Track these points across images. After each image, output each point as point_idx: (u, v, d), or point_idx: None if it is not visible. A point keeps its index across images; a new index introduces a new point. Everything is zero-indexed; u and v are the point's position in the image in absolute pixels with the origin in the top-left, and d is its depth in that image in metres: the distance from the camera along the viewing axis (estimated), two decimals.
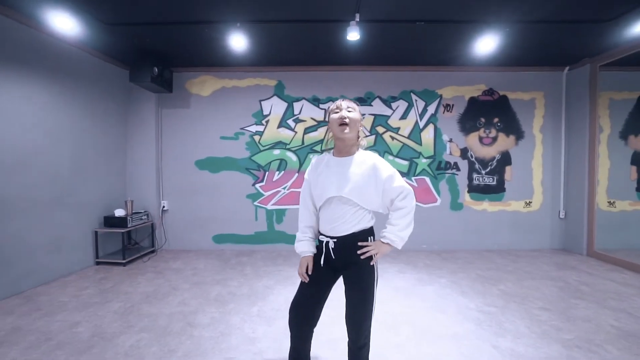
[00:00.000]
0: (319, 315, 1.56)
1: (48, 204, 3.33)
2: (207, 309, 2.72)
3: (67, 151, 3.55)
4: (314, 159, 1.68)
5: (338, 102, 1.53)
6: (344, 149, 1.54)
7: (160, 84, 4.13)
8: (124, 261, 3.87)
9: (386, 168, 1.51)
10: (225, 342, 2.20)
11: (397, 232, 1.51)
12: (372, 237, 1.53)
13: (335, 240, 1.50)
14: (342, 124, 1.46)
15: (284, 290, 3.14)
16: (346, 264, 1.51)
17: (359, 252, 1.48)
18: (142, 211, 4.38)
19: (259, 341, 2.22)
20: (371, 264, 1.49)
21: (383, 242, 1.52)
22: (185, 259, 4.23)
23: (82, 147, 3.75)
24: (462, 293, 3.07)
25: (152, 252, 4.45)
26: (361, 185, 1.47)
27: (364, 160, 1.52)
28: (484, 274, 3.62)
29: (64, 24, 3.00)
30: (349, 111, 1.48)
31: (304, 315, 1.54)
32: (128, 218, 3.99)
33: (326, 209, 1.52)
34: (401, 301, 2.89)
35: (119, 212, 4.06)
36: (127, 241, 4.43)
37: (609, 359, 2.00)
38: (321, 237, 1.56)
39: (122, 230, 3.91)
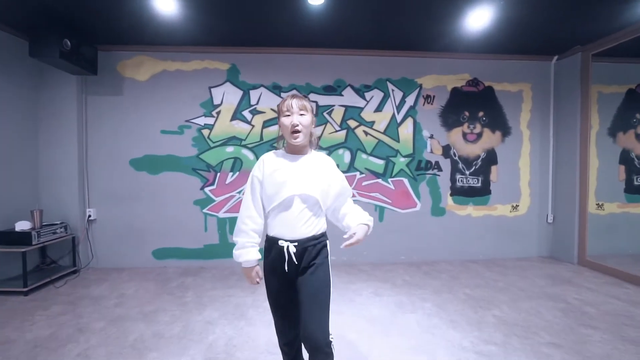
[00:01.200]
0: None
1: None
2: None
3: None
4: (263, 156, 1.51)
5: (288, 103, 1.42)
6: (296, 150, 1.48)
7: (78, 63, 3.27)
8: (25, 289, 2.99)
9: (338, 171, 1.55)
10: None
11: (367, 218, 1.50)
12: (327, 241, 1.51)
13: (295, 244, 1.40)
14: (294, 131, 1.40)
15: (229, 328, 2.43)
16: (306, 266, 1.42)
17: (345, 245, 1.40)
18: (58, 222, 3.50)
19: None
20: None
21: (362, 224, 1.45)
22: (114, 281, 3.41)
23: None
24: (451, 323, 2.49)
25: (74, 272, 3.58)
26: (323, 184, 1.45)
27: (320, 160, 1.51)
28: (472, 293, 3.08)
29: None
30: (301, 114, 1.41)
31: (292, 322, 1.48)
32: (33, 233, 3.11)
33: (283, 210, 1.42)
34: (378, 340, 2.26)
35: (22, 225, 3.17)
36: (39, 260, 3.55)
37: None
38: (280, 242, 1.41)
39: (24, 249, 3.02)
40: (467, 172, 4.13)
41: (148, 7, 2.85)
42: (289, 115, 1.40)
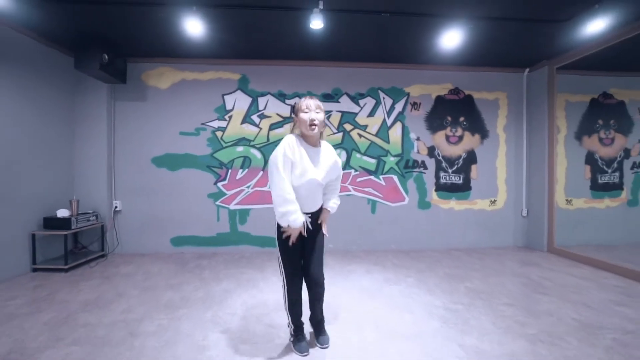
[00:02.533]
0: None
1: None
2: (155, 316, 2.46)
3: None
4: (287, 138, 1.82)
5: (307, 102, 1.82)
6: (311, 140, 1.87)
7: (112, 74, 3.81)
8: (65, 267, 3.48)
9: (339, 160, 2.01)
10: (170, 352, 1.97)
11: (331, 205, 2.03)
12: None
13: (309, 215, 1.92)
14: (312, 124, 1.79)
15: (244, 294, 2.92)
16: (313, 229, 1.95)
17: (324, 230, 2.01)
18: (91, 212, 4.00)
19: (209, 349, 2.00)
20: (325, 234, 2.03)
21: (328, 211, 2.04)
22: (138, 263, 3.90)
23: (17, 139, 3.36)
24: (428, 292, 3.00)
25: (102, 256, 4.07)
26: (331, 173, 1.93)
27: (328, 151, 1.96)
28: (450, 272, 3.58)
29: None
30: (317, 112, 1.81)
31: (300, 275, 1.98)
32: (72, 219, 3.61)
33: (303, 189, 1.83)
34: (367, 302, 2.76)
35: (62, 213, 3.67)
36: (72, 245, 4.03)
37: (570, 350, 1.97)
38: None
39: (65, 233, 3.53)
40: (450, 171, 4.66)
41: (176, 28, 3.39)
42: (307, 112, 1.79)
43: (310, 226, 1.93)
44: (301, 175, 1.80)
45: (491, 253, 4.38)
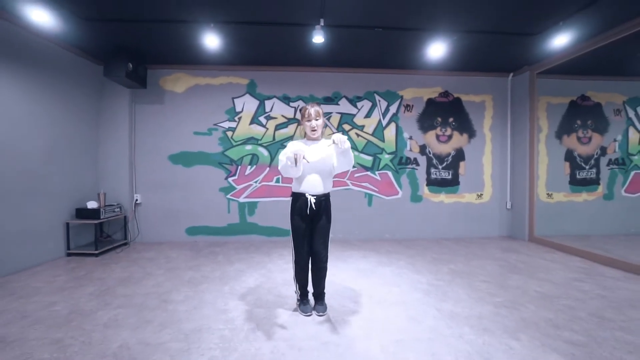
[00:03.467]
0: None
1: (18, 194, 3.38)
2: (181, 289, 2.91)
3: (38, 143, 3.61)
4: (291, 142, 2.43)
5: (308, 111, 2.30)
6: (313, 139, 2.36)
7: (135, 80, 4.24)
8: (96, 252, 3.93)
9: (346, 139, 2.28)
10: (199, 313, 2.41)
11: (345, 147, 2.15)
12: (330, 198, 2.42)
13: (315, 197, 2.28)
14: (313, 130, 2.32)
15: (256, 274, 3.37)
16: (318, 213, 2.32)
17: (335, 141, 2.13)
18: (115, 204, 4.44)
19: (230, 312, 2.45)
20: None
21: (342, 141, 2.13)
22: (158, 249, 4.34)
23: (53, 139, 3.81)
24: (416, 272, 3.43)
25: (125, 244, 4.52)
26: (331, 158, 2.29)
27: (327, 143, 2.30)
28: (438, 257, 4.02)
29: (40, 17, 3.09)
30: (316, 119, 2.31)
31: (307, 248, 2.37)
32: (101, 210, 4.06)
33: (309, 174, 2.27)
34: (362, 280, 3.20)
35: (92, 204, 4.12)
36: (99, 233, 4.48)
37: (526, 313, 2.40)
38: (306, 195, 2.28)
39: (95, 222, 3.98)
40: (440, 167, 5.08)
41: (194, 41, 3.82)
42: (309, 121, 2.29)
43: (314, 206, 2.26)
44: (306, 162, 2.21)
45: (477, 242, 4.81)
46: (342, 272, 3.41)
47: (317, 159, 2.26)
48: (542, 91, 4.84)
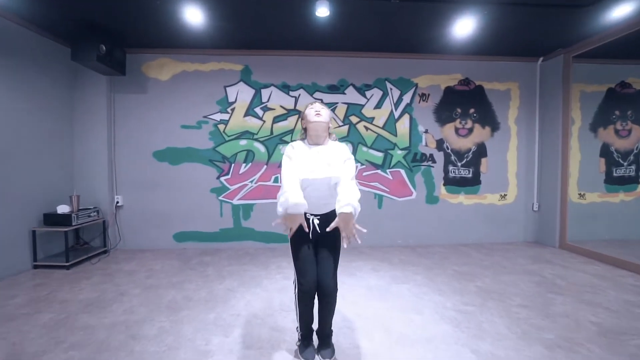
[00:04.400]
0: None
1: None
2: (157, 318, 2.39)
3: None
4: (291, 143, 1.88)
5: (310, 108, 1.88)
6: (318, 140, 1.84)
7: (111, 65, 3.68)
8: (67, 264, 3.42)
9: (348, 152, 1.85)
10: (171, 358, 1.89)
11: (354, 201, 1.62)
12: None
13: (319, 217, 1.83)
14: (317, 114, 1.82)
15: (247, 294, 2.84)
16: (325, 234, 1.79)
17: (344, 239, 1.66)
18: (92, 207, 3.93)
19: (212, 355, 1.93)
20: (347, 241, 1.67)
21: (346, 213, 1.60)
22: (141, 259, 3.83)
23: (15, 134, 3.27)
24: (438, 291, 2.90)
25: (104, 252, 4.01)
26: (337, 167, 1.76)
27: (336, 148, 1.85)
28: (460, 269, 3.48)
29: None
30: (321, 107, 1.87)
31: (314, 276, 1.80)
32: (73, 215, 3.54)
33: (310, 189, 1.76)
34: (375, 302, 2.67)
35: (62, 209, 3.60)
36: (74, 241, 3.98)
37: (592, 358, 1.87)
38: (308, 215, 1.81)
39: (66, 229, 3.46)
40: (459, 164, 4.52)
41: (175, 16, 3.24)
42: (311, 108, 1.85)
43: (318, 229, 1.81)
44: (306, 174, 1.75)
45: (500, 249, 4.27)
46: (350, 291, 2.88)
47: (321, 176, 1.75)
48: (575, 78, 4.23)
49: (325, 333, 1.91)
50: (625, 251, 3.74)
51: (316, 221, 1.82)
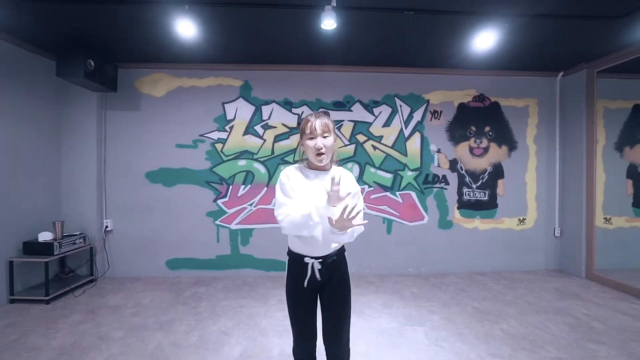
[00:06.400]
0: (317, 332, 1.55)
1: None
2: None
3: None
4: (285, 170, 1.50)
5: (312, 125, 1.42)
6: (319, 167, 1.49)
7: (100, 82, 3.44)
8: (46, 298, 3.11)
9: (356, 184, 1.54)
10: None
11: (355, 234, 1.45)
12: (345, 254, 1.59)
13: (320, 260, 1.47)
14: (319, 154, 1.42)
15: (243, 338, 2.51)
16: (328, 281, 1.50)
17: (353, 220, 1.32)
18: (78, 233, 3.63)
19: None
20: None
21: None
22: (129, 290, 3.51)
23: None
24: (459, 337, 2.55)
25: (91, 281, 3.70)
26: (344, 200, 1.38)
27: (342, 176, 1.45)
28: (480, 306, 3.13)
29: None
30: (324, 137, 1.42)
31: (308, 335, 1.52)
32: (55, 244, 3.24)
33: None
34: (388, 352, 2.32)
35: (44, 236, 3.31)
36: (58, 269, 3.68)
37: None
38: (306, 259, 1.47)
39: (46, 259, 3.16)
40: (474, 186, 4.20)
41: (168, 30, 3.00)
42: (313, 138, 1.42)
43: (318, 275, 1.46)
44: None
45: (521, 279, 3.91)
46: (359, 337, 2.53)
47: (324, 210, 1.37)
48: (598, 93, 3.93)
49: None
50: None
51: (317, 266, 1.46)
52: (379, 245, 4.07)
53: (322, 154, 1.42)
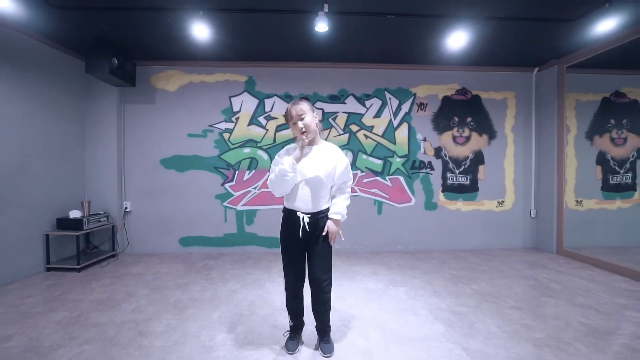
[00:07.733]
0: (305, 274, 2.00)
1: None
2: (163, 316, 2.51)
3: (12, 146, 3.25)
4: (286, 147, 1.97)
5: (289, 113, 1.85)
6: (310, 142, 1.86)
7: (122, 77, 3.87)
8: (78, 267, 3.57)
9: (345, 157, 1.96)
10: (177, 352, 2.01)
11: (344, 210, 1.96)
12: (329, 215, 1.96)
13: (309, 215, 1.88)
14: (302, 132, 1.82)
15: (250, 295, 2.96)
16: (314, 233, 1.91)
17: (324, 233, 1.92)
18: (102, 212, 4.09)
19: (216, 349, 2.04)
20: (333, 241, 1.97)
21: (335, 219, 1.93)
22: (147, 262, 3.97)
23: (31, 142, 3.45)
24: (434, 293, 2.99)
25: (113, 256, 4.16)
26: (330, 171, 1.87)
27: (329, 150, 1.93)
28: (457, 273, 3.57)
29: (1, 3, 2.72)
30: (301, 119, 1.81)
31: (297, 274, 1.97)
32: (84, 220, 3.70)
33: (301, 189, 1.86)
34: (372, 304, 2.77)
35: (74, 214, 3.76)
36: (84, 245, 4.13)
37: (577, 357, 1.95)
38: (298, 214, 1.88)
39: (77, 233, 3.61)
40: (457, 171, 4.62)
41: (183, 33, 3.43)
42: (294, 124, 1.83)
43: (307, 227, 1.86)
44: (299, 175, 1.83)
45: (499, 254, 4.34)
46: (349, 294, 2.98)
47: (312, 174, 1.85)
48: (570, 87, 4.35)
49: (323, 328, 2.03)
50: (622, 257, 3.80)
51: (306, 219, 1.86)
52: (370, 225, 4.50)
53: (304, 132, 1.81)
